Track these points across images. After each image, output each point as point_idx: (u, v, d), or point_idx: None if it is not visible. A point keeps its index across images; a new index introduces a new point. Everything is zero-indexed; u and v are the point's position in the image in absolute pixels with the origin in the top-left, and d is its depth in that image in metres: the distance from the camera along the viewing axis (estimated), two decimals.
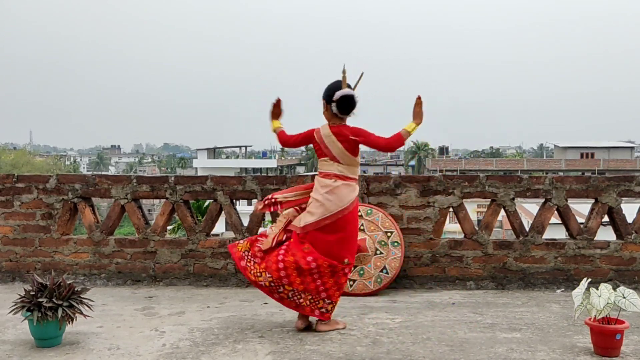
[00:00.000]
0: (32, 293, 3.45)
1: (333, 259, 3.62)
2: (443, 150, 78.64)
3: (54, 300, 3.40)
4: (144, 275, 5.23)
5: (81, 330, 3.73)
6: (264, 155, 79.33)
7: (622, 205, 5.07)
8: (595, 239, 5.01)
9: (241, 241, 3.83)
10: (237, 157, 76.82)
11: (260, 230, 5.33)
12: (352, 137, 3.63)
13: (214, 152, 67.52)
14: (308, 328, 3.75)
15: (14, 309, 3.47)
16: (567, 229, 5.11)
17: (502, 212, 5.16)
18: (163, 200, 5.34)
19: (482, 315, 4.10)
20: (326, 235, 3.62)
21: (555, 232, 6.75)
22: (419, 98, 3.68)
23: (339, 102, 3.60)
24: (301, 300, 3.65)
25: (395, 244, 4.86)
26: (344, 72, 3.64)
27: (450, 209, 5.13)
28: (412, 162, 69.53)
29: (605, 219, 5.09)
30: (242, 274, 3.97)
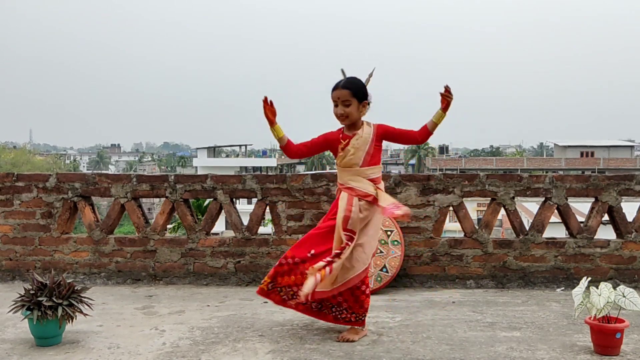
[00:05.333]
0: (32, 292, 3.45)
1: None
2: (443, 149, 78.66)
3: (53, 299, 3.40)
4: (143, 274, 5.23)
5: (81, 329, 3.73)
6: (264, 153, 79.26)
7: (622, 204, 5.07)
8: (595, 237, 5.01)
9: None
10: (237, 155, 76.81)
11: (261, 229, 5.34)
12: None
13: (214, 151, 67.51)
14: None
15: (13, 308, 3.47)
16: (567, 228, 5.11)
17: (502, 211, 5.16)
18: (163, 199, 5.33)
19: (482, 314, 4.10)
20: None
21: (555, 230, 6.74)
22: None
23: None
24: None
25: (395, 242, 4.86)
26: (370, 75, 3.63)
27: (450, 208, 5.13)
28: (412, 161, 69.57)
29: (606, 217, 5.09)
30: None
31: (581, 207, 8.18)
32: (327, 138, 3.62)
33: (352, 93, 3.51)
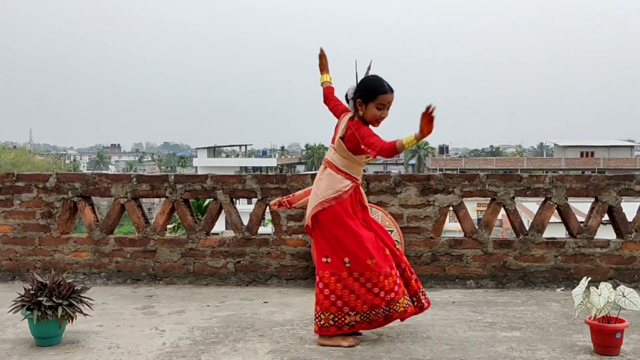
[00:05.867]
0: (32, 292, 3.45)
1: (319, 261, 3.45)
2: (443, 149, 78.77)
3: (53, 299, 3.40)
4: (143, 274, 5.23)
5: (81, 329, 3.73)
6: (264, 154, 79.31)
7: (622, 204, 5.07)
8: (595, 237, 5.01)
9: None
10: (237, 155, 76.86)
11: (261, 229, 5.34)
12: (355, 132, 3.39)
13: (214, 151, 67.54)
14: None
15: (13, 308, 3.47)
16: (567, 228, 5.11)
17: (502, 211, 5.16)
18: (163, 199, 5.33)
19: (482, 314, 4.10)
20: (316, 233, 3.49)
21: (555, 230, 6.74)
22: (428, 109, 3.09)
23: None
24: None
25: (396, 242, 4.85)
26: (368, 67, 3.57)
27: (450, 208, 5.13)
28: (412, 161, 69.61)
29: (605, 217, 5.09)
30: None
31: (581, 207, 8.18)
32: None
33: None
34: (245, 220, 5.26)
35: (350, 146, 3.44)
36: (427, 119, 3.10)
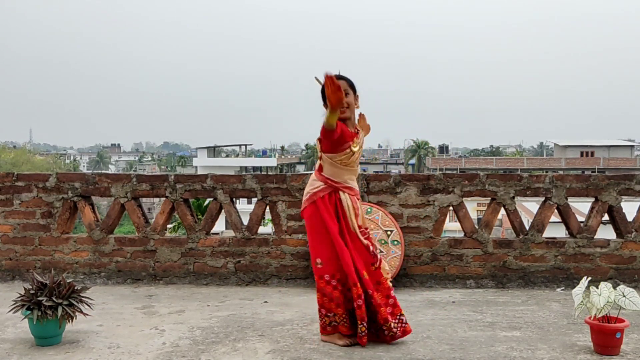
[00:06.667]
0: (32, 292, 3.45)
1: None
2: (443, 149, 78.84)
3: (53, 298, 3.40)
4: (143, 274, 5.23)
5: (81, 329, 3.73)
6: (264, 153, 79.28)
7: (622, 204, 5.07)
8: (595, 237, 5.01)
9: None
10: (237, 155, 76.83)
11: (261, 229, 5.34)
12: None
13: (214, 151, 67.53)
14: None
15: (13, 308, 3.47)
16: (567, 228, 5.11)
17: (502, 211, 5.16)
18: (163, 199, 5.33)
19: (482, 314, 4.10)
20: None
21: (556, 230, 6.75)
22: (325, 79, 3.11)
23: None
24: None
25: (395, 242, 4.86)
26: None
27: (450, 208, 5.13)
28: (412, 161, 69.60)
29: (606, 217, 5.09)
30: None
31: (581, 207, 8.18)
32: (344, 132, 3.34)
33: (348, 84, 3.45)
34: (245, 220, 5.26)
35: (323, 146, 3.42)
36: (330, 89, 3.10)
